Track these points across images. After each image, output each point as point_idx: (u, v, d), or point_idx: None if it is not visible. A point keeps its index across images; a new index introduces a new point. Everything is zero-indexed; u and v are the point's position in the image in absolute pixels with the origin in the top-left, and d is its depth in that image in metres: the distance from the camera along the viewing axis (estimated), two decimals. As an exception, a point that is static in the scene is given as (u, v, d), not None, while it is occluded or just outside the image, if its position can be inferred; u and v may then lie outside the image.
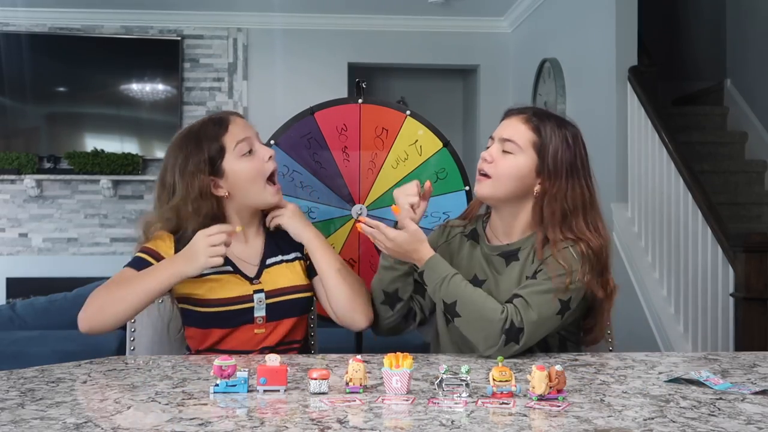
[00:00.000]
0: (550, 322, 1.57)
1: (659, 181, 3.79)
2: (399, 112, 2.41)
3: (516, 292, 1.58)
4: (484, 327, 1.53)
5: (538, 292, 1.56)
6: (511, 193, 1.65)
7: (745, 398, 1.20)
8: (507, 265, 1.68)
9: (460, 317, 1.56)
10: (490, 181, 1.65)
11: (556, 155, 1.63)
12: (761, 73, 4.72)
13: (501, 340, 1.51)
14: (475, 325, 1.54)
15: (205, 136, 1.75)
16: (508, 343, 1.51)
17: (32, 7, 5.75)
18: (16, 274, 5.75)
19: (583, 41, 4.62)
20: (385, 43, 6.09)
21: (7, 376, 1.36)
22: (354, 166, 2.37)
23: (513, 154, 1.63)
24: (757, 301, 2.93)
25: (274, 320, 1.75)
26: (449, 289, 1.57)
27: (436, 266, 1.60)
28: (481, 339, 1.53)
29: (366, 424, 1.05)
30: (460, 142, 6.56)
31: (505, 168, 1.63)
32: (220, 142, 1.74)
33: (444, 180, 2.37)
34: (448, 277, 1.58)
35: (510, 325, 1.51)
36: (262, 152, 1.77)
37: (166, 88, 5.95)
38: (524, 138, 1.64)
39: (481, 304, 1.55)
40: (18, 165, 5.64)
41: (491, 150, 1.66)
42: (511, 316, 1.52)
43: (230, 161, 1.74)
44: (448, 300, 1.57)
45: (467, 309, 1.55)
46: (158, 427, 1.03)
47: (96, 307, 1.62)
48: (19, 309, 2.88)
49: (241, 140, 1.74)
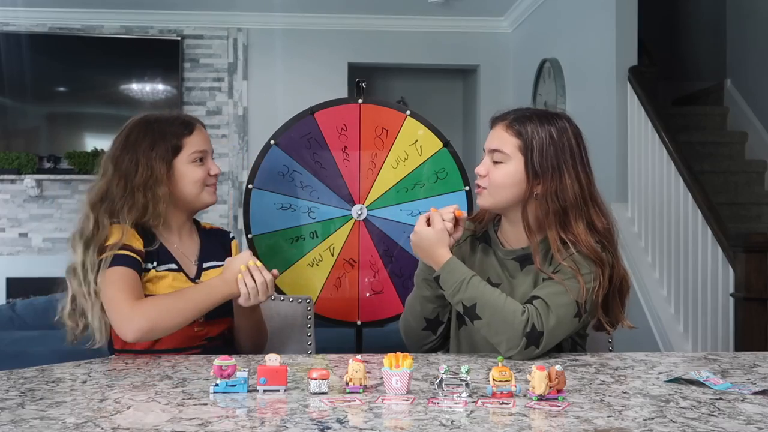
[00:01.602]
0: (568, 325, 1.57)
1: (659, 181, 3.79)
2: (399, 112, 2.41)
3: (535, 294, 1.58)
4: (505, 329, 1.53)
5: (556, 293, 1.56)
6: (510, 200, 1.65)
7: (745, 398, 1.20)
8: (522, 269, 1.68)
9: (481, 319, 1.55)
10: (486, 192, 1.66)
11: (541, 154, 1.61)
12: (761, 73, 4.72)
13: (522, 343, 1.51)
14: (497, 327, 1.54)
15: (170, 130, 1.82)
16: (529, 346, 1.52)
17: (32, 7, 5.74)
18: (16, 274, 5.75)
19: (583, 41, 4.62)
20: (385, 43, 6.09)
21: (7, 376, 1.36)
22: (354, 166, 2.37)
23: (503, 163, 1.64)
24: (757, 301, 2.93)
25: (211, 319, 1.79)
26: (468, 291, 1.57)
27: (454, 269, 1.59)
28: (503, 341, 1.53)
29: (366, 424, 1.05)
30: (460, 142, 6.56)
31: (497, 178, 1.64)
32: (181, 142, 1.82)
33: (444, 180, 2.37)
34: (466, 279, 1.58)
35: (531, 328, 1.51)
36: (213, 166, 1.86)
37: (166, 88, 5.95)
38: (509, 144, 1.63)
39: (502, 306, 1.54)
40: (18, 165, 5.64)
41: (484, 163, 1.67)
42: (533, 320, 1.52)
43: (181, 162, 1.81)
44: (467, 302, 1.57)
45: (488, 311, 1.55)
46: (158, 427, 1.03)
47: (147, 317, 1.64)
48: (19, 309, 2.88)
49: (199, 150, 1.83)
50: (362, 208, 2.36)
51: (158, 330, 1.66)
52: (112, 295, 1.67)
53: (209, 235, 1.94)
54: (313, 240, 2.36)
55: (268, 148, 2.36)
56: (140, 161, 1.78)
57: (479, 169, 1.67)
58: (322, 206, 2.36)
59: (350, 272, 2.37)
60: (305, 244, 2.36)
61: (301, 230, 2.36)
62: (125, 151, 1.79)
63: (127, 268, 1.70)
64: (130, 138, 1.81)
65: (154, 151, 1.78)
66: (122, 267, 1.69)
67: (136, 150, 1.79)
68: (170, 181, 1.80)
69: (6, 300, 5.58)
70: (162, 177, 1.78)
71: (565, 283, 1.57)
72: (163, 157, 1.79)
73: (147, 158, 1.78)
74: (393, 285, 2.36)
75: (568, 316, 1.56)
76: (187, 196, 1.83)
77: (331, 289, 2.37)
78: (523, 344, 1.51)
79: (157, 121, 1.84)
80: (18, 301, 2.98)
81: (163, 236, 1.82)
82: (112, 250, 1.70)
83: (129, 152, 1.79)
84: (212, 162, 1.87)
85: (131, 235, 1.75)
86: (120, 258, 1.70)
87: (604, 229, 1.64)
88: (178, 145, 1.81)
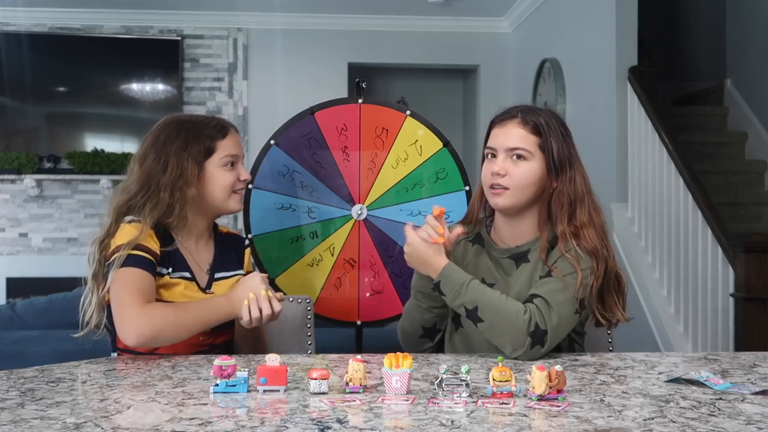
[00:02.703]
0: (570, 321, 1.58)
1: (659, 181, 3.79)
2: (399, 112, 2.41)
3: (534, 292, 1.58)
4: (509, 330, 1.53)
5: (555, 290, 1.56)
6: (530, 198, 1.65)
7: (745, 398, 1.20)
8: (517, 267, 1.68)
9: (484, 322, 1.55)
10: (509, 192, 1.64)
11: (558, 149, 1.64)
12: (761, 73, 4.72)
13: (527, 343, 1.51)
14: (500, 329, 1.54)
15: (205, 132, 1.79)
16: (534, 346, 1.52)
17: (32, 7, 5.75)
18: (16, 274, 5.75)
19: (583, 41, 4.62)
20: (385, 43, 6.09)
21: (7, 376, 1.36)
22: (354, 166, 2.37)
23: (526, 160, 1.63)
24: (757, 301, 2.93)
25: (217, 330, 1.77)
26: (468, 295, 1.56)
27: (452, 274, 1.59)
28: (507, 342, 1.53)
29: (366, 424, 1.05)
30: (460, 142, 6.56)
31: (522, 177, 1.63)
32: (214, 144, 1.79)
33: (444, 180, 2.37)
34: (465, 283, 1.57)
35: (535, 327, 1.52)
36: (243, 172, 1.84)
37: (166, 88, 5.95)
38: (530, 142, 1.63)
39: (504, 307, 1.54)
40: (18, 165, 5.65)
41: (500, 163, 1.64)
42: (535, 318, 1.52)
43: (213, 165, 1.78)
44: (469, 305, 1.56)
45: (490, 313, 1.54)
46: (158, 427, 1.03)
47: (152, 326, 1.60)
48: (19, 309, 2.88)
49: (231, 154, 1.80)
50: (362, 208, 2.36)
51: (160, 340, 1.63)
52: (121, 297, 1.62)
53: (225, 242, 1.90)
54: (313, 240, 2.36)
55: (268, 148, 2.35)
56: (170, 160, 1.74)
57: (497, 169, 1.63)
58: (322, 206, 2.36)
59: (350, 272, 2.37)
60: (305, 244, 2.36)
61: (301, 230, 2.36)
62: (153, 149, 1.77)
63: (140, 270, 1.65)
64: (160, 137, 1.78)
65: (187, 151, 1.75)
66: (134, 268, 1.65)
67: (166, 149, 1.75)
68: (200, 183, 1.76)
69: (6, 300, 5.58)
70: (192, 178, 1.74)
71: (564, 279, 1.57)
72: (195, 157, 1.75)
73: (178, 158, 1.74)
74: (393, 285, 2.36)
75: (570, 313, 1.57)
76: (215, 201, 1.80)
77: (331, 289, 2.37)
78: (528, 344, 1.51)
79: (191, 122, 1.81)
80: (18, 301, 2.97)
81: (181, 241, 1.78)
82: (125, 249, 1.65)
83: (158, 151, 1.76)
84: (243, 168, 1.84)
85: (148, 235, 1.70)
86: (133, 258, 1.65)
87: (601, 222, 1.66)
88: (211, 146, 1.78)
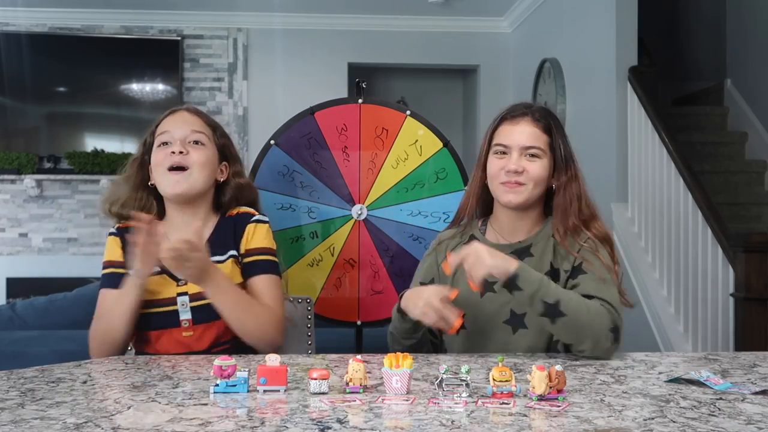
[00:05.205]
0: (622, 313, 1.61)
1: (659, 181, 3.79)
2: (399, 112, 2.41)
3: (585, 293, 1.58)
4: (592, 327, 1.52)
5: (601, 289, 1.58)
6: (539, 195, 1.71)
7: (745, 398, 1.20)
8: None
9: (566, 316, 1.53)
10: (525, 188, 1.67)
11: (564, 148, 1.70)
12: (761, 73, 4.72)
13: (611, 338, 1.53)
14: (583, 325, 1.52)
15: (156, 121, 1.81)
16: (614, 342, 1.54)
17: (32, 7, 5.75)
18: (16, 274, 5.75)
19: (583, 41, 4.62)
20: (385, 43, 6.09)
21: (7, 376, 1.36)
22: (354, 166, 2.37)
23: (539, 158, 1.68)
24: (757, 301, 2.93)
25: (202, 323, 1.69)
26: (550, 289, 1.55)
27: (529, 269, 1.57)
28: (588, 338, 1.52)
29: (366, 424, 1.05)
30: (460, 142, 6.56)
31: (538, 174, 1.68)
32: (158, 126, 1.79)
33: (444, 180, 2.37)
34: (544, 277, 1.57)
35: (614, 324, 1.54)
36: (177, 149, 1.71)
37: (166, 88, 5.95)
38: (542, 141, 1.69)
39: (586, 303, 1.54)
40: (18, 165, 5.65)
41: (516, 160, 1.67)
42: (612, 315, 1.54)
43: (154, 148, 1.78)
44: (551, 299, 1.53)
45: (572, 308, 1.53)
46: (158, 427, 1.03)
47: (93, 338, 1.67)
48: (19, 309, 2.88)
49: (163, 132, 1.76)
50: (362, 208, 2.36)
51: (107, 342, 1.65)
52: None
53: (225, 225, 1.77)
54: (313, 240, 2.36)
55: (268, 148, 2.35)
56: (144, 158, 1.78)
57: (513, 166, 1.66)
58: (322, 206, 2.36)
59: (350, 272, 2.37)
60: (305, 244, 2.36)
61: (301, 230, 2.36)
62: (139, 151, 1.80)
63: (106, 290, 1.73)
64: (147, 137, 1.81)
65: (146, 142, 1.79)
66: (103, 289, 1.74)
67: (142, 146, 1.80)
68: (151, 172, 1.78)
69: (6, 300, 5.58)
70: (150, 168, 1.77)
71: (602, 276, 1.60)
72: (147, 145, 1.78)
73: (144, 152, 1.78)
74: (393, 285, 2.36)
75: (620, 305, 1.60)
76: (159, 184, 1.74)
77: (331, 289, 2.37)
78: (611, 340, 1.53)
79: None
80: (18, 301, 2.97)
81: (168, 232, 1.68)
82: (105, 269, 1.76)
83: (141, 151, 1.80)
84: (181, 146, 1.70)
85: (111, 246, 1.77)
86: (104, 278, 1.75)
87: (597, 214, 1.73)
88: (154, 130, 1.78)
